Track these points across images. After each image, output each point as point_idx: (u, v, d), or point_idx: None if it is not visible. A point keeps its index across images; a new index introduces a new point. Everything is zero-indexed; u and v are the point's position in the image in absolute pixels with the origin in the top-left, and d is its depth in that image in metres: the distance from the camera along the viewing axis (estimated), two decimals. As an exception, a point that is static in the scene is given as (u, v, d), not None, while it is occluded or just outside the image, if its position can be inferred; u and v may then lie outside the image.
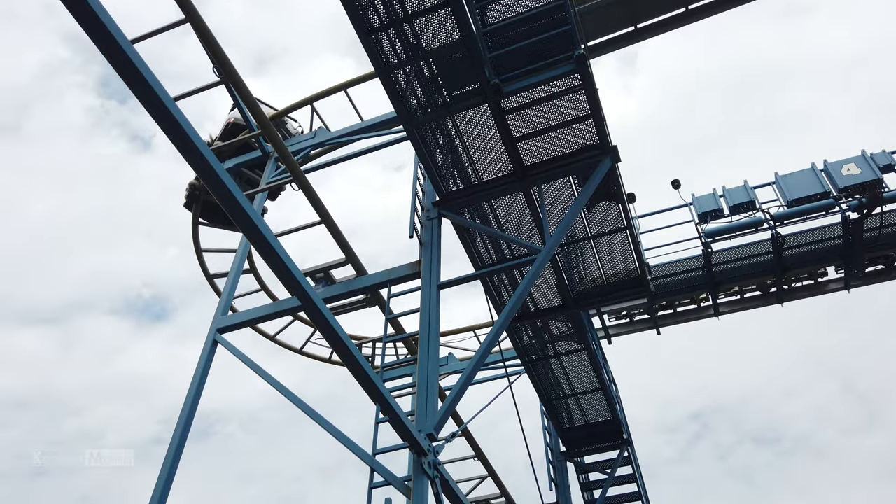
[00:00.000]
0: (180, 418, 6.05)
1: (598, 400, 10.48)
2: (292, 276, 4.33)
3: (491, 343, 6.25)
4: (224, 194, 3.94)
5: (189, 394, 6.15)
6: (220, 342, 6.42)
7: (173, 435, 5.99)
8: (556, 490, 10.36)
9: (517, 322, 9.28)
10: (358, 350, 4.83)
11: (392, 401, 5.05)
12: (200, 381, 6.19)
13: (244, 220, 4.09)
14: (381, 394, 4.98)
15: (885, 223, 10.71)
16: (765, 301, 12.15)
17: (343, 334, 4.68)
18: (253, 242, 4.27)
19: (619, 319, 12.79)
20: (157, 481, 5.73)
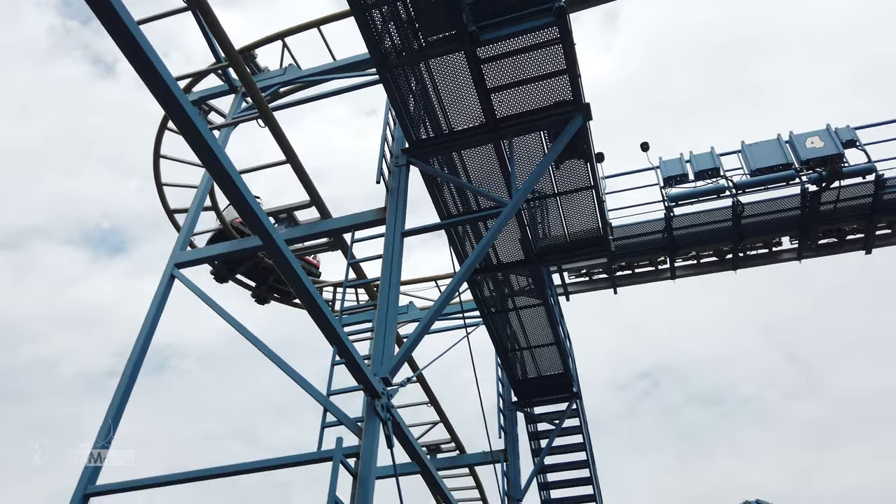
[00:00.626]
0: (133, 350, 6.00)
1: (551, 354, 10.73)
2: (254, 213, 4.27)
3: (451, 293, 6.31)
4: (186, 126, 3.84)
5: (144, 327, 6.10)
6: (177, 277, 6.34)
7: (126, 366, 5.95)
8: (505, 438, 10.67)
9: (479, 274, 9.37)
10: (318, 292, 4.83)
11: (349, 343, 5.08)
12: (156, 315, 6.13)
13: (206, 154, 4.00)
14: (338, 336, 5.00)
15: (842, 197, 11.01)
16: (720, 267, 12.47)
17: (303, 275, 4.66)
18: (215, 177, 4.19)
19: (578, 277, 13.00)
20: (108, 411, 5.73)
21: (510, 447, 10.62)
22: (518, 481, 10.31)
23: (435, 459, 11.32)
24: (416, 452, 6.16)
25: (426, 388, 11.04)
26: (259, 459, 5.43)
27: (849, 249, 12.03)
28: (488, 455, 10.24)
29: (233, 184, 4.09)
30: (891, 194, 11.00)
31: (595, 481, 10.87)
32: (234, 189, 4.12)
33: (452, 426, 11.49)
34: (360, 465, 5.14)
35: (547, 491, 11.16)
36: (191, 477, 5.33)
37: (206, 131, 3.91)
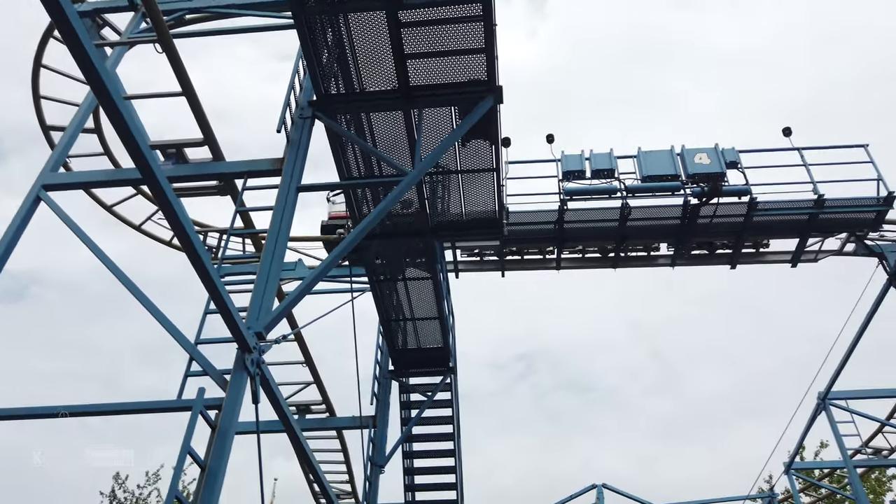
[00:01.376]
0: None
1: (433, 328, 10.89)
2: (135, 142, 3.98)
3: (340, 254, 6.22)
4: (71, 38, 3.49)
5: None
6: (44, 199, 5.81)
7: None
8: (377, 405, 10.76)
9: (372, 240, 9.30)
10: (198, 236, 4.60)
11: (224, 292, 4.89)
12: (13, 238, 5.59)
13: (90, 71, 3.66)
14: (213, 283, 4.80)
15: (718, 213, 11.82)
16: (602, 264, 13.09)
17: (183, 216, 4.42)
18: (98, 97, 3.85)
19: (470, 256, 13.21)
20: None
21: (380, 414, 10.72)
22: (383, 448, 10.44)
23: (303, 420, 11.25)
24: (283, 411, 6.07)
25: (304, 348, 10.89)
26: (114, 402, 5.14)
27: (716, 262, 13.00)
28: (357, 420, 10.28)
29: (116, 107, 3.79)
30: (760, 216, 11.93)
31: (457, 454, 11.21)
32: (117, 113, 3.81)
33: (325, 389, 11.44)
34: (220, 417, 4.99)
35: (411, 459, 11.39)
36: (36, 413, 4.97)
37: (92, 47, 3.58)
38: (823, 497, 21.52)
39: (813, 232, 12.31)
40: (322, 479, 7.70)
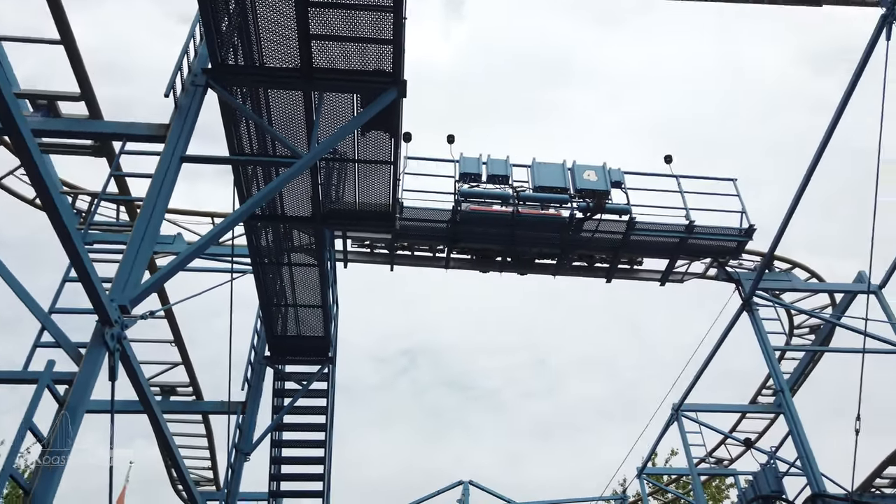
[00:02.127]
0: None
1: (315, 316, 10.69)
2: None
3: (223, 230, 5.99)
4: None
5: None
6: None
7: None
8: (248, 390, 10.44)
9: (259, 221, 9.01)
10: (63, 196, 4.25)
11: (86, 258, 4.56)
12: None
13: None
14: (75, 248, 4.46)
15: (599, 229, 12.45)
16: (489, 267, 13.41)
17: (47, 172, 4.07)
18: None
19: (360, 247, 13.12)
20: None
21: (251, 400, 10.41)
22: (251, 435, 10.14)
23: (166, 402, 10.70)
24: (143, 390, 5.75)
25: (174, 327, 10.36)
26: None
27: (594, 275, 13.69)
28: (225, 405, 9.91)
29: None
30: (637, 236, 12.69)
31: (328, 445, 11.06)
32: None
33: (194, 371, 10.93)
34: (70, 393, 4.65)
35: (279, 448, 11.12)
36: None
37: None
38: (669, 501, 23.21)
39: (682, 255, 13.25)
40: (180, 464, 7.37)
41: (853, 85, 9.99)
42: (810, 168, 11.06)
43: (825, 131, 10.66)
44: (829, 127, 10.59)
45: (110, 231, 9.62)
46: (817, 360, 15.73)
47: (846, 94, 10.14)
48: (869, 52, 9.49)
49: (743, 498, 12.50)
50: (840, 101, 10.28)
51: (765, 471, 11.75)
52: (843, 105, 10.22)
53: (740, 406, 16.94)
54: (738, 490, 15.58)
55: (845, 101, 10.18)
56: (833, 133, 10.55)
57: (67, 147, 6.95)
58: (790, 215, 11.69)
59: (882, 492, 10.32)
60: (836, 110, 10.38)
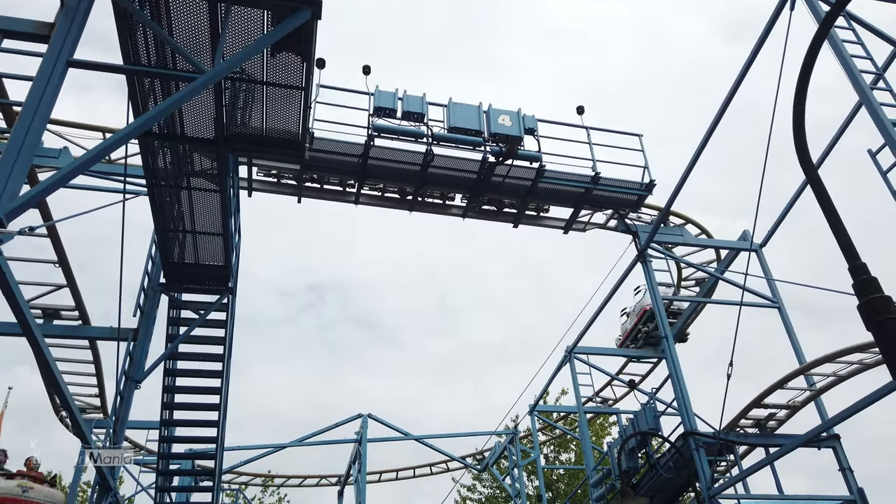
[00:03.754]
0: None
1: (216, 244, 10.31)
2: None
3: (113, 145, 5.59)
4: None
5: None
6: None
7: None
8: (141, 317, 10.03)
9: (157, 139, 8.47)
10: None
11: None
12: None
13: None
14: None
15: (510, 175, 12.62)
16: (400, 205, 13.35)
17: None
18: None
19: (267, 176, 12.68)
20: None
21: (143, 327, 10.03)
22: (142, 363, 9.82)
23: (49, 325, 10.10)
24: (20, 309, 5.38)
25: (59, 247, 9.66)
26: None
27: (502, 220, 13.94)
28: (115, 331, 9.49)
29: None
30: (545, 184, 12.97)
31: (225, 376, 10.90)
32: None
33: (81, 295, 10.34)
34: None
35: (173, 378, 10.85)
36: None
37: None
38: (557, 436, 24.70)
39: (586, 205, 13.70)
40: (63, 389, 7.04)
41: (755, 52, 10.47)
42: (709, 129, 11.61)
43: (726, 94, 11.17)
44: (730, 90, 11.11)
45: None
46: (699, 311, 16.92)
47: (747, 61, 10.63)
48: (773, 21, 9.94)
49: (623, 434, 13.47)
50: (742, 66, 10.77)
51: (644, 410, 12.66)
52: (745, 71, 10.72)
53: (627, 351, 18.06)
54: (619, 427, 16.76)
55: (746, 67, 10.67)
56: (733, 96, 11.08)
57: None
58: (688, 172, 12.29)
59: (745, 431, 11.39)
60: (738, 74, 10.87)
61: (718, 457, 11.23)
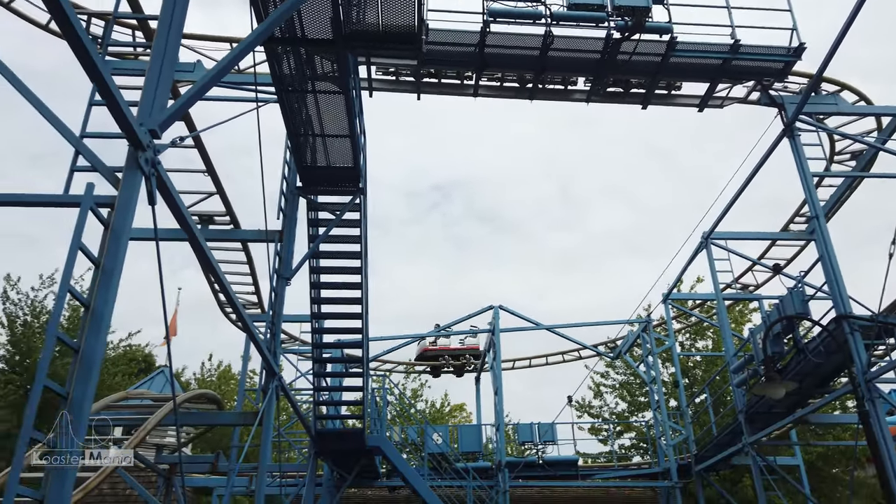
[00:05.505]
0: None
1: (344, 146, 10.62)
2: None
3: (243, 51, 5.76)
4: None
5: None
6: None
7: None
8: (284, 219, 10.69)
9: (280, 45, 8.65)
10: (73, 8, 4.05)
11: (110, 80, 4.45)
12: None
13: None
14: (96, 68, 4.33)
15: (637, 51, 11.75)
16: (519, 94, 12.96)
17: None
18: None
19: (385, 75, 12.69)
20: None
21: (287, 229, 10.69)
22: (290, 262, 10.55)
23: (206, 230, 11.05)
24: (183, 216, 5.87)
25: (205, 156, 10.40)
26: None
27: (629, 101, 13.17)
28: (263, 233, 10.23)
29: None
30: (677, 58, 11.98)
31: (364, 272, 11.51)
32: None
33: (229, 200, 11.16)
34: (114, 215, 4.77)
35: (318, 275, 11.61)
36: None
37: None
38: (692, 325, 24.20)
39: (724, 77, 12.58)
40: (227, 287, 7.74)
41: None
42: (876, -26, 10.02)
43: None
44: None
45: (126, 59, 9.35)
46: (855, 186, 15.40)
47: None
48: None
49: (767, 319, 12.90)
50: None
51: (791, 294, 11.96)
52: None
53: (771, 234, 16.99)
54: (762, 314, 16.07)
55: None
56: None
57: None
58: (845, 30, 10.79)
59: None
60: None
61: (876, 340, 10.50)
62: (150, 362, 29.72)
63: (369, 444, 13.86)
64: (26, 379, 21.15)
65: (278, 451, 14.40)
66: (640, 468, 19.61)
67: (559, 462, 17.91)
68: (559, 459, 18.02)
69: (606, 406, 26.35)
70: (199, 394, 11.82)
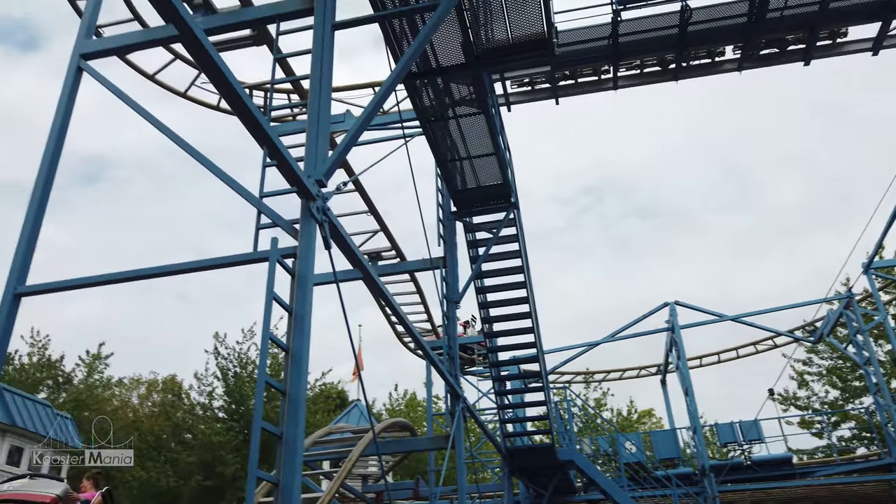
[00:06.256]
0: (46, 152, 5.58)
1: (491, 164, 10.73)
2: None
3: (387, 91, 6.02)
4: None
5: (53, 127, 5.61)
6: (85, 70, 5.75)
7: (38, 171, 5.56)
8: (444, 246, 10.98)
9: (417, 79, 8.98)
10: (240, 83, 4.47)
11: (279, 142, 4.84)
12: (66, 112, 5.61)
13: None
14: (266, 135, 4.74)
15: (790, 3, 10.73)
16: (662, 77, 12.34)
17: (223, 64, 4.28)
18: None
19: (520, 87, 12.70)
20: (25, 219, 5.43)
21: (449, 254, 10.96)
22: (456, 286, 10.78)
23: (376, 266, 11.63)
24: (356, 255, 6.21)
25: (365, 197, 11.01)
26: (195, 260, 5.35)
27: (788, 60, 12.01)
28: (428, 262, 10.56)
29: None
30: (837, 2, 10.78)
31: (528, 285, 11.48)
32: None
33: (392, 235, 11.68)
34: (297, 264, 5.15)
35: (484, 294, 11.77)
36: (122, 277, 5.24)
37: None
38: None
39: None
40: (404, 319, 8.05)
41: None
42: None
43: None
44: None
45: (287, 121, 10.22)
46: None
47: None
48: None
49: None
50: None
51: None
52: None
53: None
54: None
55: None
56: None
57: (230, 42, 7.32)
58: None
59: None
60: None
61: None
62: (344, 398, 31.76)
63: (561, 458, 13.64)
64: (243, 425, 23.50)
65: (473, 472, 14.63)
66: (868, 460, 17.42)
67: (770, 461, 16.44)
68: (770, 458, 16.55)
69: (815, 395, 23.89)
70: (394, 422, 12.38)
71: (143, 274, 5.28)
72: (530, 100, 12.69)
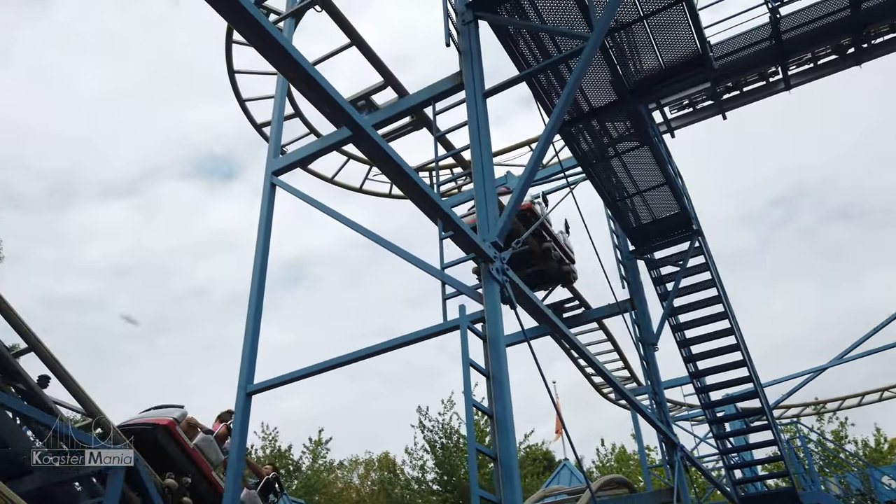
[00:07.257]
0: (255, 263, 6.28)
1: (664, 194, 10.25)
2: (335, 103, 4.17)
3: (544, 145, 6.04)
4: (250, 24, 3.68)
5: (259, 240, 6.32)
6: (277, 185, 6.46)
7: (252, 281, 6.25)
8: (629, 287, 10.54)
9: (572, 125, 8.94)
10: (410, 167, 4.74)
11: (453, 214, 5.02)
12: (267, 225, 6.32)
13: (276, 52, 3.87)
14: (440, 209, 4.94)
15: None
16: (841, 65, 11.17)
17: (393, 153, 4.57)
18: (288, 74, 4.09)
19: (680, 110, 12.15)
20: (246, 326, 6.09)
21: (636, 295, 10.50)
22: (649, 326, 10.24)
23: (561, 319, 11.43)
24: (540, 310, 6.15)
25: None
26: (390, 339, 5.61)
27: None
28: (615, 306, 10.19)
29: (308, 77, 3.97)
30: None
31: (730, 314, 10.57)
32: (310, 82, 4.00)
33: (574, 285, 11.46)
34: (486, 328, 5.20)
35: (681, 332, 11.02)
36: (331, 365, 5.62)
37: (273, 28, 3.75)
38: None
39: None
40: (602, 368, 7.77)
41: None
42: None
43: None
44: None
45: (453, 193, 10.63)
46: None
47: None
48: None
49: None
50: None
51: None
52: None
53: None
54: None
55: None
56: None
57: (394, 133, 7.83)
58: None
59: None
60: None
61: None
62: (550, 458, 31.05)
63: (805, 502, 12.06)
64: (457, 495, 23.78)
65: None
66: None
67: None
68: None
69: None
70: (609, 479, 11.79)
71: (350, 358, 5.62)
72: (693, 121, 12.07)
